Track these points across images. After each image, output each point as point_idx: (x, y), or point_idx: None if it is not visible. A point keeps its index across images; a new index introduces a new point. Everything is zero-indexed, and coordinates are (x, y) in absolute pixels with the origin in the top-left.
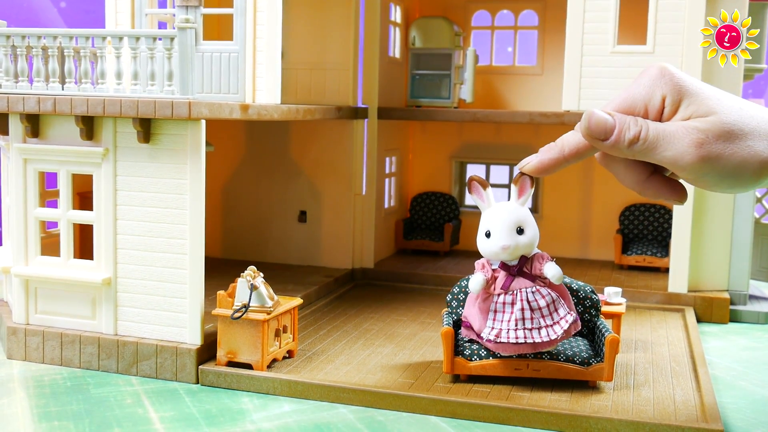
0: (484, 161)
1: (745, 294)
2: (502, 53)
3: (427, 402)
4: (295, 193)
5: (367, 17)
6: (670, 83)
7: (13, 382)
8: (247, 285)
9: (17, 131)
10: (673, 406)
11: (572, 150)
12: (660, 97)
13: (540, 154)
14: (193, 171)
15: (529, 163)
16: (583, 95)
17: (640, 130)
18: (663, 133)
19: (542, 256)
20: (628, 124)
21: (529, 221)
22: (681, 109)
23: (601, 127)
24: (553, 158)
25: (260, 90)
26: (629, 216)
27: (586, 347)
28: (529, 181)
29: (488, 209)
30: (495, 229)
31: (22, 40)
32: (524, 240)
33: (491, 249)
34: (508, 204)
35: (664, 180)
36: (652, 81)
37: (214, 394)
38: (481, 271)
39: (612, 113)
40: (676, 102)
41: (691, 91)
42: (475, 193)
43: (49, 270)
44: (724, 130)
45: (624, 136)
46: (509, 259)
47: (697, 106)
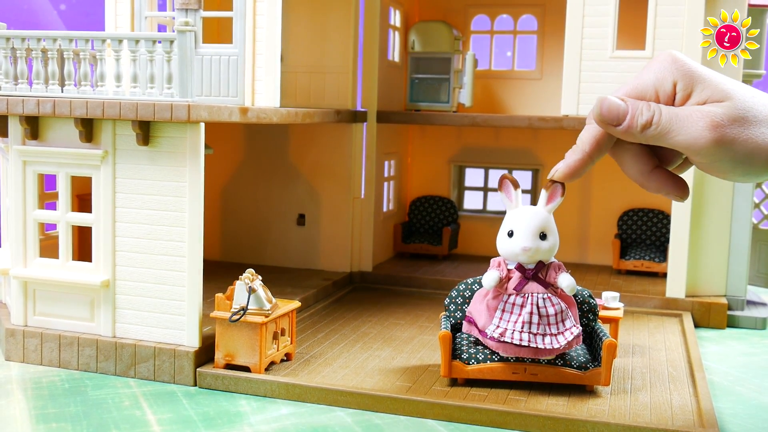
0: (482, 165)
1: (743, 299)
2: (502, 57)
3: (425, 405)
4: (294, 197)
5: (367, 21)
6: (681, 70)
7: (12, 384)
8: (245, 288)
9: (16, 133)
10: (670, 412)
11: (593, 145)
12: (671, 83)
13: (566, 159)
14: (192, 174)
15: (557, 171)
16: (582, 100)
17: (653, 115)
18: (676, 117)
19: (559, 265)
20: (641, 109)
21: (553, 229)
22: (695, 95)
23: (614, 113)
24: (578, 159)
25: (259, 93)
26: (627, 221)
27: (583, 352)
28: (560, 188)
29: (515, 209)
30: (519, 229)
31: (21, 43)
32: (545, 245)
33: (511, 248)
34: (535, 208)
35: (667, 174)
36: (662, 67)
37: (212, 397)
38: (497, 268)
39: (624, 98)
40: (689, 87)
41: (704, 77)
42: (504, 191)
43: (48, 272)
44: (739, 115)
45: (637, 120)
46: (527, 261)
47: (712, 91)
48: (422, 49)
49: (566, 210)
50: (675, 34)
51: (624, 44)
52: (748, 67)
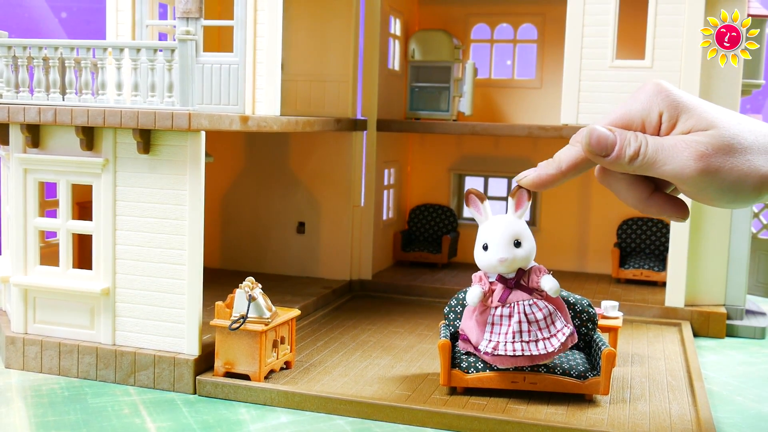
0: (482, 174)
1: (742, 309)
2: (501, 66)
3: (424, 414)
4: (294, 205)
5: (367, 30)
6: (666, 100)
7: (11, 392)
8: (245, 296)
9: (18, 141)
10: (668, 421)
11: (570, 165)
12: (657, 114)
13: (538, 169)
14: (193, 182)
15: (526, 177)
16: (582, 109)
17: (640, 145)
18: (662, 147)
19: (539, 269)
20: (629, 140)
21: (526, 234)
22: (679, 124)
23: (602, 144)
24: (551, 174)
25: (260, 101)
26: (627, 230)
27: (582, 361)
28: (526, 194)
29: (485, 222)
30: (492, 241)
31: (23, 51)
32: (521, 253)
33: (488, 262)
34: (505, 217)
35: (666, 197)
36: (648, 98)
37: (212, 405)
38: (479, 283)
39: (613, 129)
40: (674, 118)
41: (689, 106)
42: (472, 206)
43: (48, 280)
44: (723, 143)
45: (625, 151)
46: (506, 271)
47: (697, 120)
48: (422, 58)
49: (566, 219)
50: (674, 44)
51: (623, 54)
52: (747, 77)
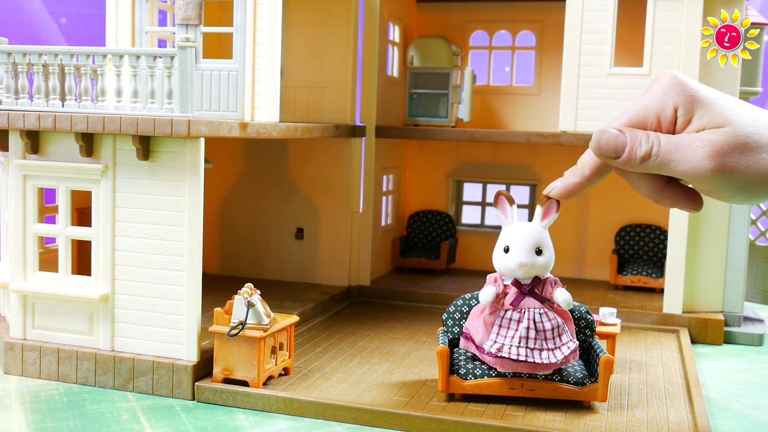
0: (480, 180)
1: (740, 316)
2: (500, 73)
3: (422, 420)
4: (293, 211)
5: (366, 36)
6: (682, 93)
7: (10, 398)
8: (244, 302)
9: (17, 147)
10: (666, 428)
11: (593, 170)
12: (672, 108)
13: (564, 179)
14: (192, 188)
15: (554, 188)
16: (580, 116)
17: (652, 146)
18: (675, 147)
19: (555, 281)
20: (640, 140)
21: (548, 244)
22: (695, 120)
23: (612, 146)
24: (576, 182)
25: (259, 108)
26: (625, 236)
27: (580, 367)
28: (555, 205)
29: (510, 225)
30: (514, 245)
31: (23, 57)
32: (541, 261)
33: (507, 264)
34: (530, 224)
35: (680, 188)
36: (663, 91)
37: (210, 411)
38: (493, 284)
39: (623, 129)
40: (689, 113)
41: (705, 101)
42: (500, 207)
43: (47, 285)
44: (739, 142)
45: (636, 153)
46: (524, 277)
47: (711, 117)
48: (421, 65)
49: (564, 225)
50: (672, 52)
51: (622, 61)
52: (744, 85)
